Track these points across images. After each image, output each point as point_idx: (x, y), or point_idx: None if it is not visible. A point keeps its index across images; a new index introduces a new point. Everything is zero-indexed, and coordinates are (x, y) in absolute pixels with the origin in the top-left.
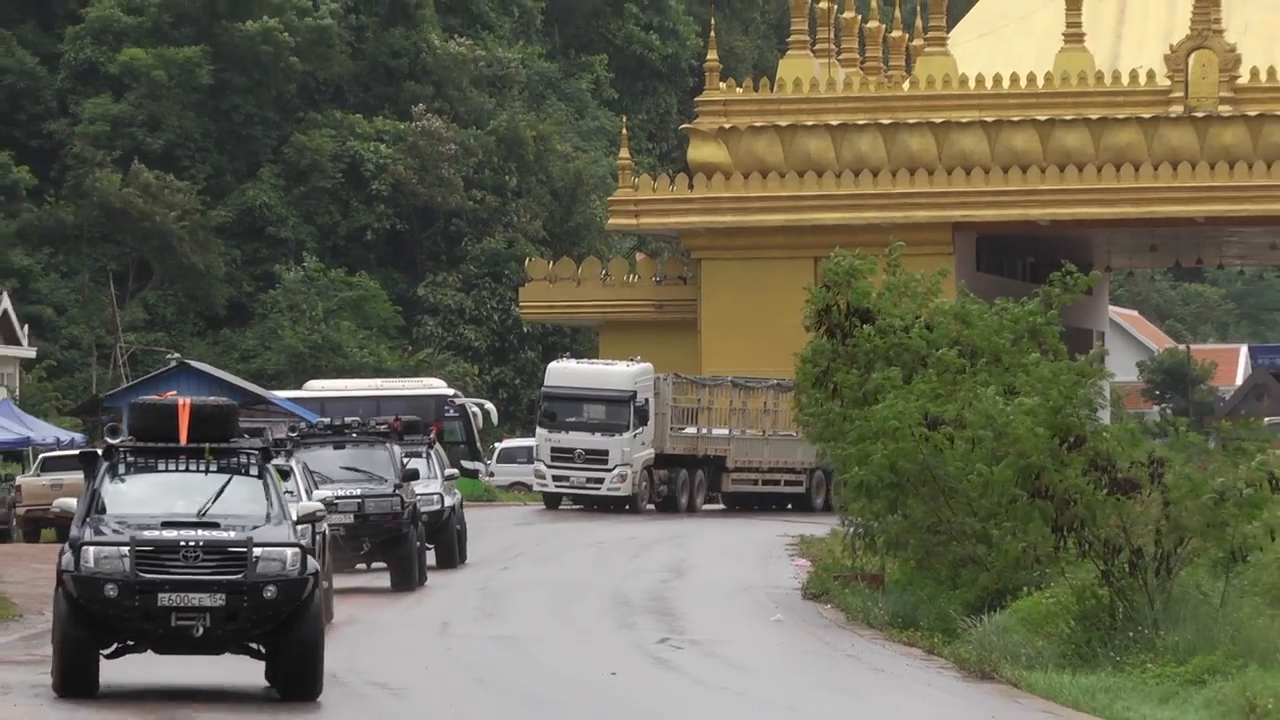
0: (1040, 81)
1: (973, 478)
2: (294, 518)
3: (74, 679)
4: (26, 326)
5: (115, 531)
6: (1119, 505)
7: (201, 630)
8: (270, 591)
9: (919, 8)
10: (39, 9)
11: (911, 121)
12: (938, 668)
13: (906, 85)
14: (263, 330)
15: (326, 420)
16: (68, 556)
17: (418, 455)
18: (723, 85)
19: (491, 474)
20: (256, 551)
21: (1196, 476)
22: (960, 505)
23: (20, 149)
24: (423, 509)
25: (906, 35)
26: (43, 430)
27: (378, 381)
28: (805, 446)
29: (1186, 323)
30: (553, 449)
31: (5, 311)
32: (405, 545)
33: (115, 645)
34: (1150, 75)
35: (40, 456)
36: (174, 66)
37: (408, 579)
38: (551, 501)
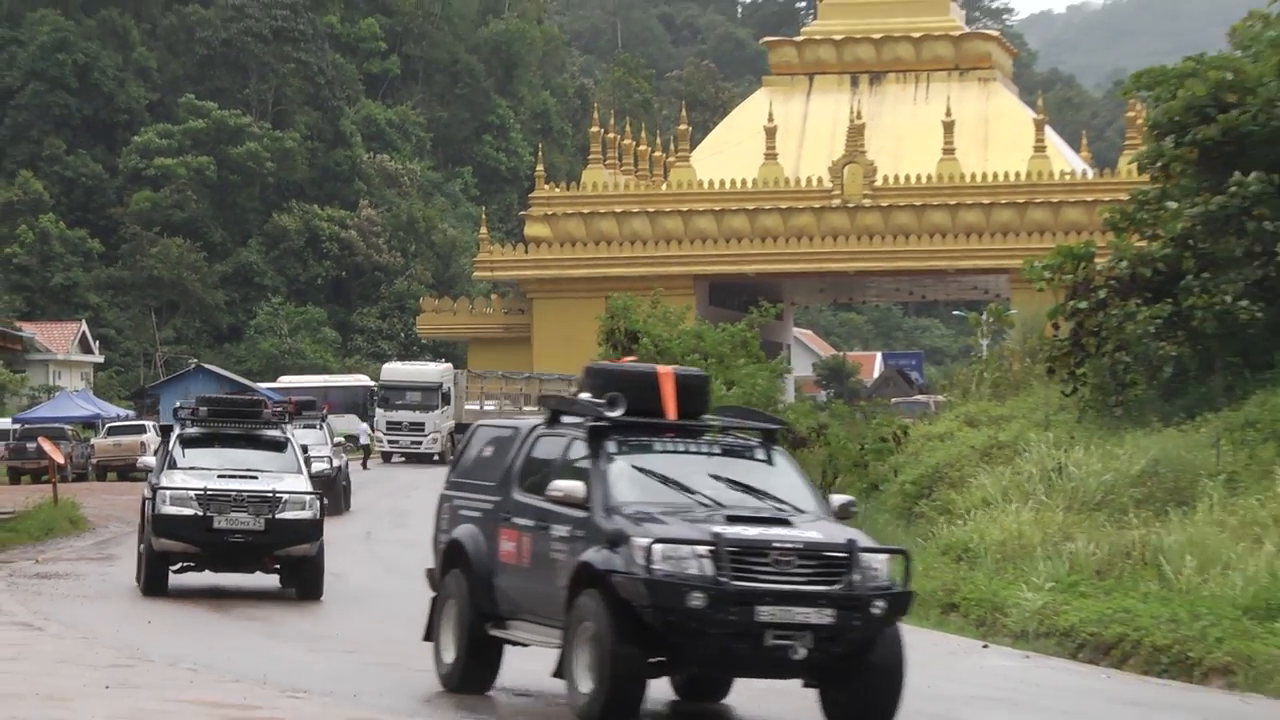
0: (750, 185)
1: None
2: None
3: (620, 703)
4: (98, 342)
5: (670, 524)
6: (798, 454)
7: (803, 652)
8: (879, 607)
9: (672, 138)
10: (105, 136)
11: (667, 210)
12: None
13: (664, 187)
14: (250, 344)
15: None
16: (600, 553)
17: (312, 427)
18: (547, 187)
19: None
20: (868, 558)
21: (846, 434)
22: None
23: (92, 227)
24: (315, 468)
25: (664, 154)
26: (108, 409)
27: (326, 376)
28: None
29: (842, 337)
30: (388, 422)
31: (84, 333)
32: (332, 486)
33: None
34: (819, 180)
35: (107, 425)
36: (191, 170)
37: (336, 507)
38: (386, 457)
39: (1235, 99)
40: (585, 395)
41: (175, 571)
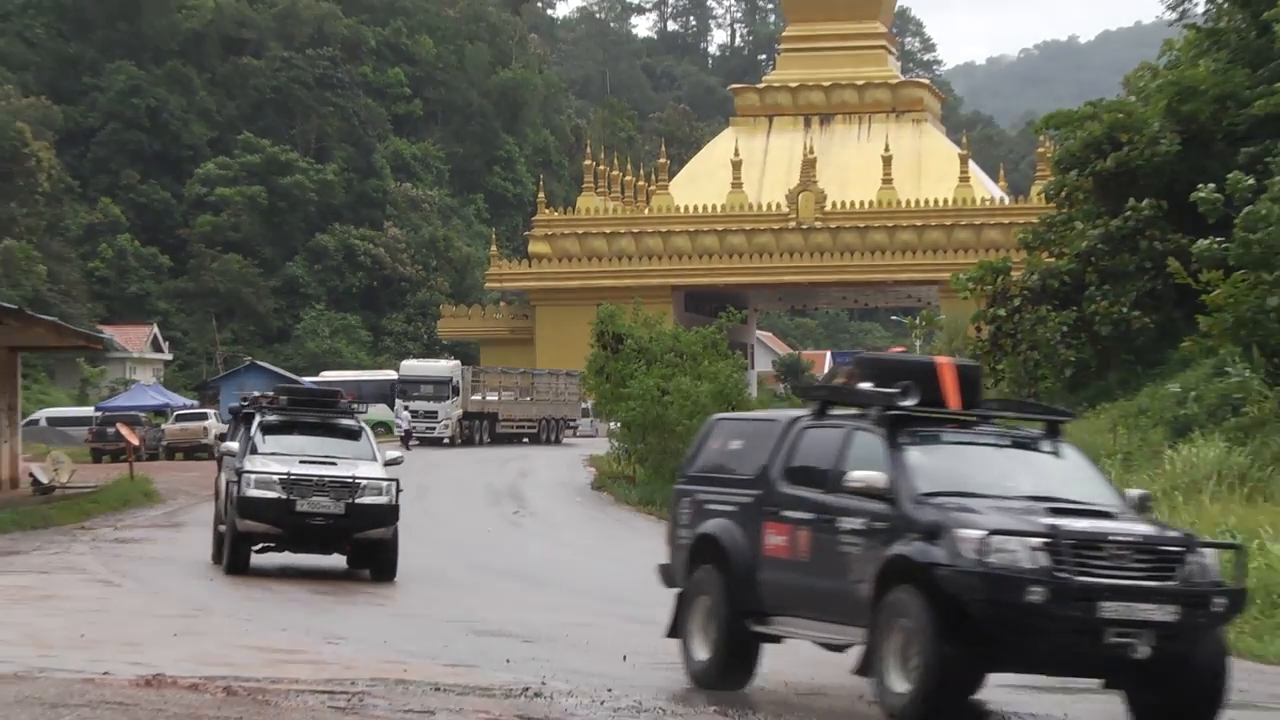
0: (719, 209)
1: (683, 422)
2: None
3: (943, 703)
4: (167, 342)
5: (989, 515)
6: None
7: (1145, 651)
8: (1219, 604)
9: (653, 169)
10: (172, 168)
11: (649, 231)
12: (663, 525)
13: (646, 211)
14: (296, 344)
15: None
16: (914, 545)
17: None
18: (547, 211)
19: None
20: (1199, 553)
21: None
22: (674, 437)
23: (162, 245)
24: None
25: (646, 184)
26: (175, 399)
27: (359, 372)
28: (537, 405)
29: (797, 339)
30: (409, 410)
31: (155, 335)
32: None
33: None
34: (778, 206)
35: (175, 413)
36: (245, 197)
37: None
38: (405, 442)
39: (1127, 138)
40: (864, 386)
41: (256, 551)
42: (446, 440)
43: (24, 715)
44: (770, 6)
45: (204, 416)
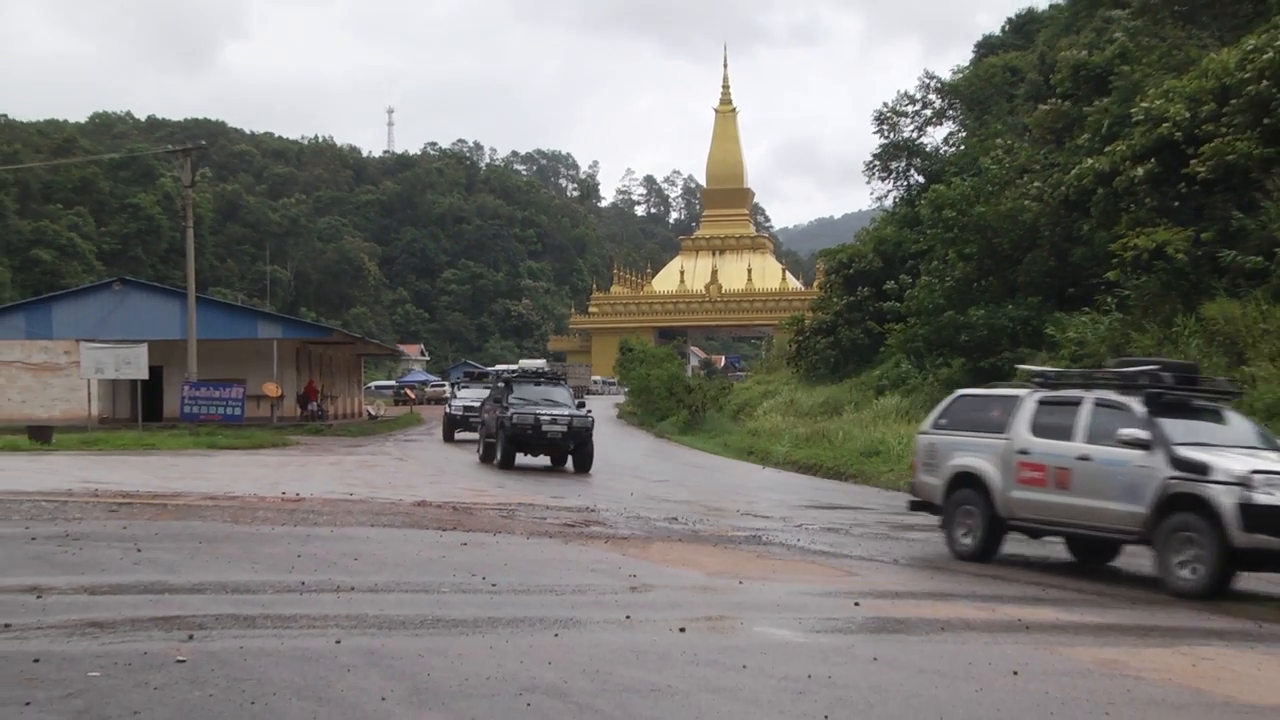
0: (674, 292)
1: (660, 392)
2: None
3: None
4: (428, 353)
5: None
6: (692, 395)
7: None
8: None
9: (644, 274)
10: (428, 275)
11: (643, 302)
12: (652, 435)
13: (641, 293)
14: (485, 352)
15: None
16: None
17: (557, 385)
18: (597, 293)
19: None
20: None
21: (710, 387)
22: (657, 398)
23: (426, 309)
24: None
25: (642, 280)
26: (431, 378)
27: (510, 365)
28: (571, 381)
29: (710, 350)
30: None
31: (422, 348)
32: (589, 443)
33: None
34: (701, 290)
35: (429, 383)
36: (461, 290)
37: (586, 465)
38: None
39: (858, 260)
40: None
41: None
42: None
43: (364, 517)
44: (696, 202)
45: (443, 385)
